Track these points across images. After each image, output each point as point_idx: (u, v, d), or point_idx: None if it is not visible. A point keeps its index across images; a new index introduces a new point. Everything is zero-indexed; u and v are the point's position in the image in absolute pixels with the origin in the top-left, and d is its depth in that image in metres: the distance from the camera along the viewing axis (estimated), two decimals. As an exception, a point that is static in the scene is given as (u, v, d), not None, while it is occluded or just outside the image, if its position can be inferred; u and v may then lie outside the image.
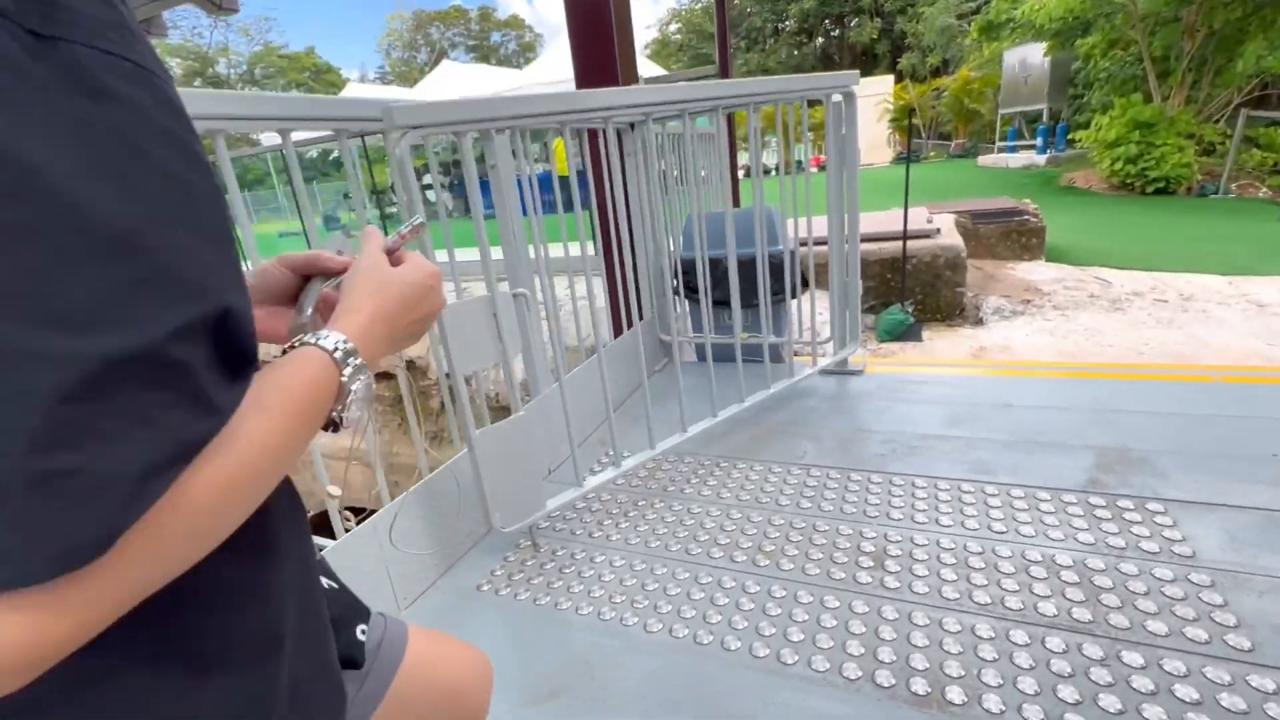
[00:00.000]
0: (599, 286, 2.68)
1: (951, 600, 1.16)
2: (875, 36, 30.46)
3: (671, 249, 2.61)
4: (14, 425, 0.22)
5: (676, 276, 2.60)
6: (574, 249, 1.81)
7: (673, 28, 38.11)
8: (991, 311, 3.91)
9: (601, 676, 1.10)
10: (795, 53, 35.23)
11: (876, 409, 2.08)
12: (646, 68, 15.26)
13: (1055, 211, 7.60)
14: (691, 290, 2.65)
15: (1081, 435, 1.77)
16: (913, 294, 3.97)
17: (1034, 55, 11.48)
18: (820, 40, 35.71)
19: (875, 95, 18.03)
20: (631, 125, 2.19)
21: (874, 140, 18.17)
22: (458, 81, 12.91)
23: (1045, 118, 11.51)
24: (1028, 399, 2.03)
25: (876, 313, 4.07)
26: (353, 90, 14.80)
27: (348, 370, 0.37)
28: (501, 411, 4.50)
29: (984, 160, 12.91)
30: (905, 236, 3.80)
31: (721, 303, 2.50)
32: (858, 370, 2.40)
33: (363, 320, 0.41)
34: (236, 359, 0.30)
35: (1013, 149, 12.40)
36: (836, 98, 2.04)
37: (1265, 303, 3.71)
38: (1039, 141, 11.36)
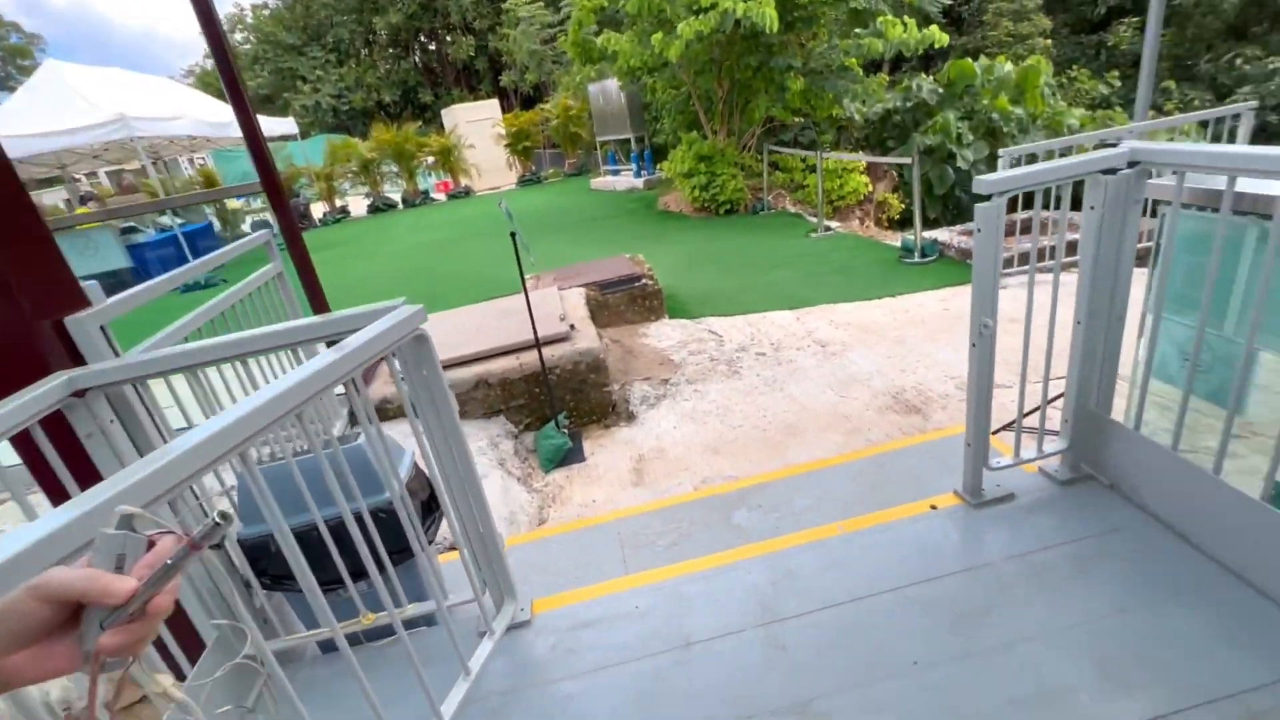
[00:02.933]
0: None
1: None
2: (473, 54, 30.88)
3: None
4: None
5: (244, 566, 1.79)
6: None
7: (238, 36, 32.33)
8: (639, 402, 3.96)
9: None
10: (398, 65, 33.58)
11: (547, 703, 1.67)
12: (187, 99, 12.33)
13: (661, 242, 8.55)
14: (276, 579, 1.86)
15: (764, 690, 1.63)
16: (564, 404, 3.77)
17: (612, 87, 12.82)
18: (419, 55, 34.73)
19: (485, 119, 18.17)
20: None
21: (495, 163, 18.38)
22: None
23: (634, 145, 13.03)
24: (703, 622, 1.86)
25: (534, 430, 3.77)
26: None
27: None
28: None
29: (596, 183, 14.09)
30: (539, 344, 3.55)
31: (329, 583, 1.80)
32: (524, 621, 1.96)
33: None
34: None
35: (616, 172, 13.80)
36: (403, 344, 1.51)
37: (825, 341, 4.56)
38: (634, 166, 12.84)
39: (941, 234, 6.35)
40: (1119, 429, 2.04)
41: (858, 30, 9.16)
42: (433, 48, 34.46)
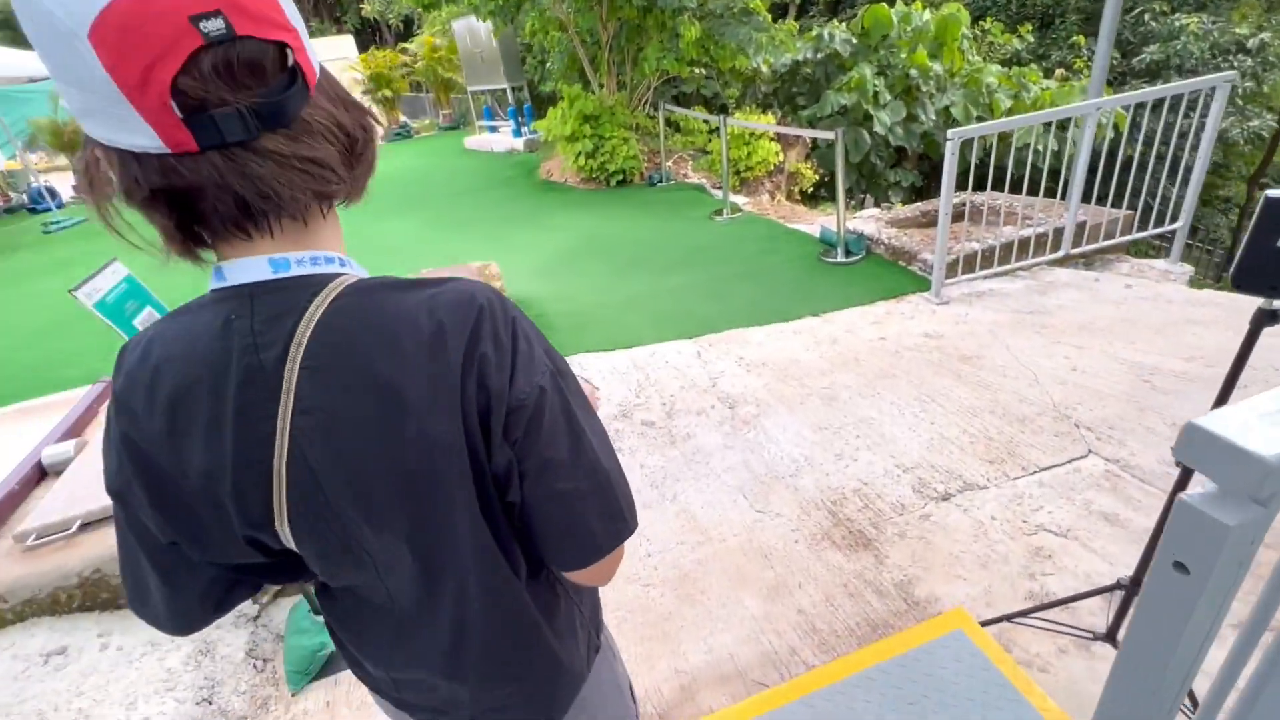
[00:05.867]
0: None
1: None
2: (330, -23, 26.52)
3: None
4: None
5: None
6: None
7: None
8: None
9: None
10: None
11: None
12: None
13: (537, 226, 7.02)
14: None
15: None
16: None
17: (480, 25, 10.75)
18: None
19: (337, 59, 15.38)
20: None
21: (356, 113, 15.69)
22: None
23: (511, 96, 11.12)
24: None
25: (292, 598, 2.36)
26: None
27: None
28: None
29: (470, 142, 12.07)
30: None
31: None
32: None
33: None
34: None
35: (493, 129, 11.85)
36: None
37: (734, 397, 3.38)
38: (512, 123, 10.99)
39: (868, 225, 5.29)
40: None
41: (763, -35, 7.79)
42: (284, -32, 29.33)
